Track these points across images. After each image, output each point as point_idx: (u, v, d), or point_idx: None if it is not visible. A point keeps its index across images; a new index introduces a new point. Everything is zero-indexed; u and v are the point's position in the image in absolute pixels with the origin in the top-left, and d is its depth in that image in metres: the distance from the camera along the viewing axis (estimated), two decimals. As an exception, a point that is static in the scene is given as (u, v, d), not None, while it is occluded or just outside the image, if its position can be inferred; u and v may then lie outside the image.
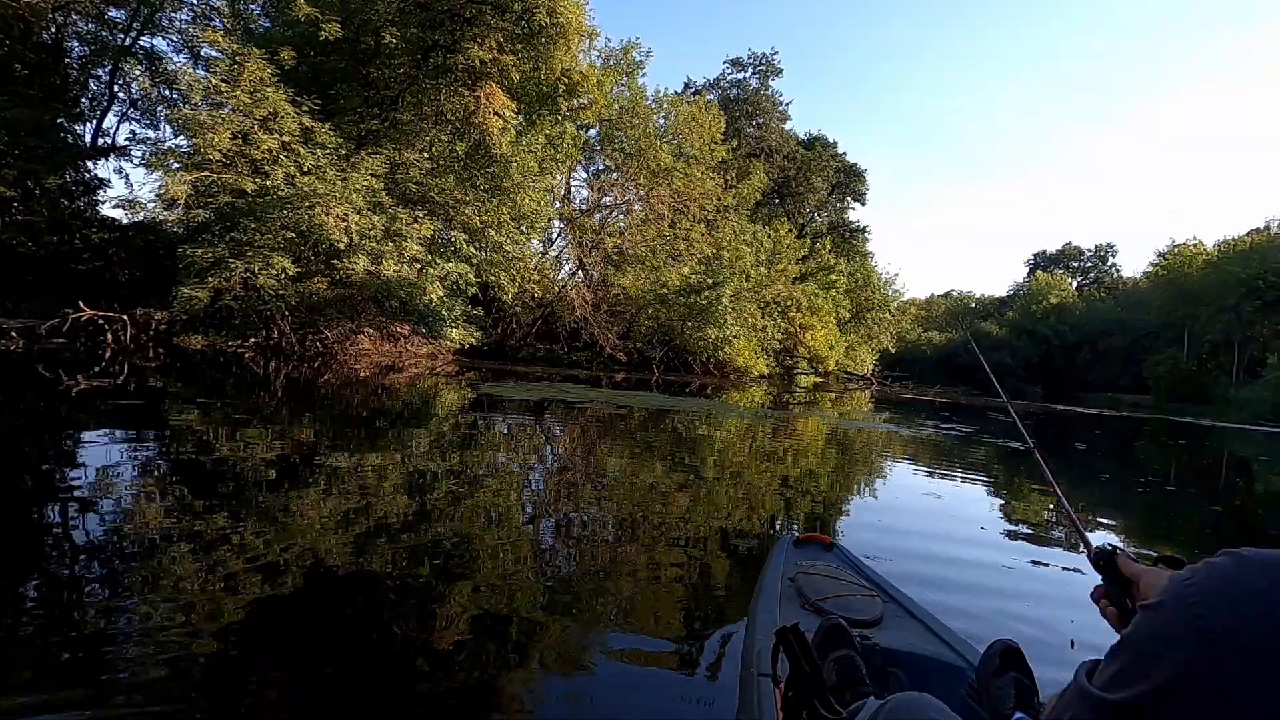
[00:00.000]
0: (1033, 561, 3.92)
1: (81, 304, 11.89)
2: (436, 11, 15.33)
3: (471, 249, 16.97)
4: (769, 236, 29.90)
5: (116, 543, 2.81)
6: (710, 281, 22.40)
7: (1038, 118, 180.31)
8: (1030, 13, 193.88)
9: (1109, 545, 1.03)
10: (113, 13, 16.46)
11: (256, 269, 12.59)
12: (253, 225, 12.86)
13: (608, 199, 25.16)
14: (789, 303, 29.90)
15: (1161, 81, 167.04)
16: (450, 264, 16.02)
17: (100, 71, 17.16)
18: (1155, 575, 0.95)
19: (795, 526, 4.30)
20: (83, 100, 17.12)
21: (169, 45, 17.73)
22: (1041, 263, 74.26)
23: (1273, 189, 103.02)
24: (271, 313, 13.51)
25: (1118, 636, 0.56)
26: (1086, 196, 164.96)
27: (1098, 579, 1.01)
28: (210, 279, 12.48)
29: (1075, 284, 69.70)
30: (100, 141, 17.40)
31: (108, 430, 5.11)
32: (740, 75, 39.52)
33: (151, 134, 17.58)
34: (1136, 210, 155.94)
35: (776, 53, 39.43)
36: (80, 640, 1.98)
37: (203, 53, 16.33)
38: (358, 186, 13.76)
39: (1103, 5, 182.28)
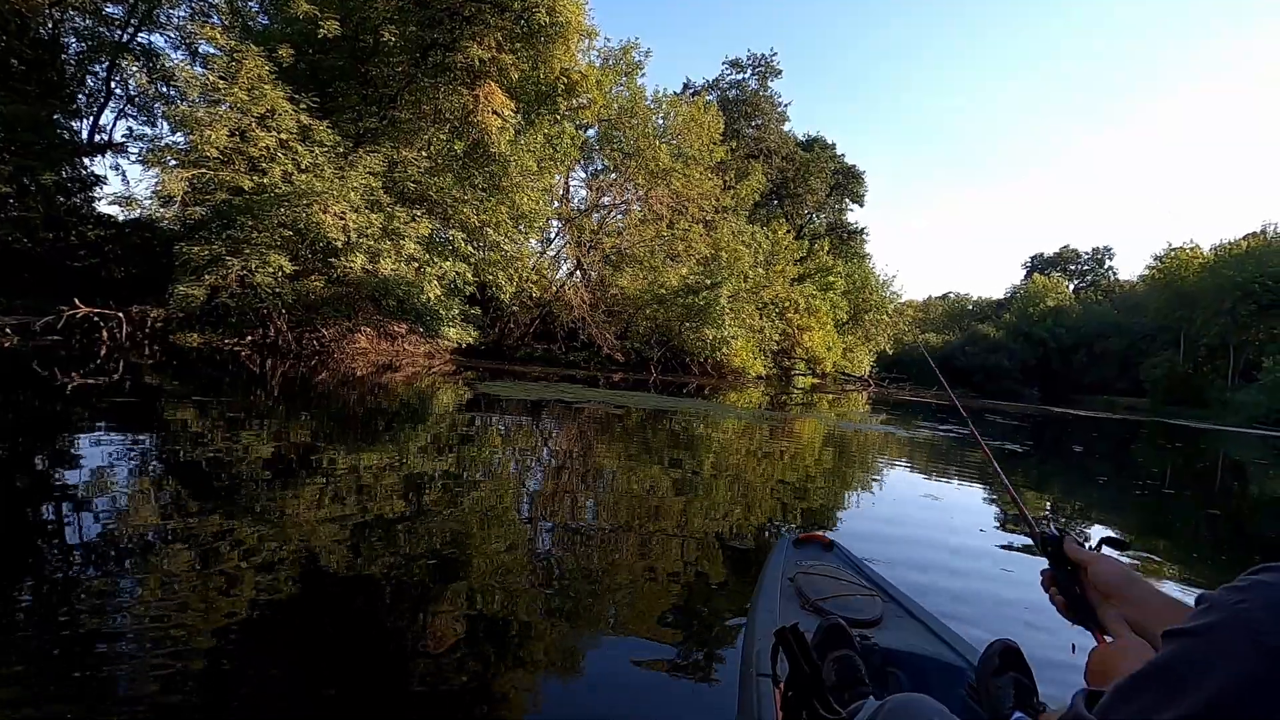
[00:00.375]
0: (1031, 561, 3.91)
1: (77, 301, 11.84)
2: (435, 10, 15.31)
3: (469, 248, 16.94)
4: (767, 237, 29.93)
5: (111, 542, 2.78)
6: (708, 282, 22.41)
7: (1037, 117, 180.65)
8: (1030, 12, 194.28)
9: (1056, 530, 1.03)
10: (110, 9, 16.43)
11: (253, 267, 12.55)
12: (250, 223, 12.82)
13: (606, 199, 25.16)
14: (787, 304, 29.94)
15: (1161, 81, 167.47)
16: (448, 263, 15.99)
17: (97, 68, 17.12)
18: (1105, 562, 0.94)
19: (794, 526, 4.29)
20: (79, 96, 17.08)
21: (166, 42, 17.72)
22: (1039, 265, 74.46)
23: (1271, 190, 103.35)
24: (268, 310, 13.46)
25: (1140, 667, 0.52)
26: (1086, 197, 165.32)
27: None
28: (207, 276, 12.43)
29: (1072, 287, 69.85)
30: (97, 138, 17.36)
31: (103, 428, 5.08)
32: (739, 76, 39.61)
33: (148, 131, 17.57)
34: (1135, 210, 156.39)
35: (775, 54, 39.45)
36: (75, 640, 1.96)
37: (200, 49, 16.31)
38: (355, 184, 13.72)
39: (1102, 5, 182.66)
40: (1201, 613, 0.50)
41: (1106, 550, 0.99)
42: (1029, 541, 4.41)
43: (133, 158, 17.21)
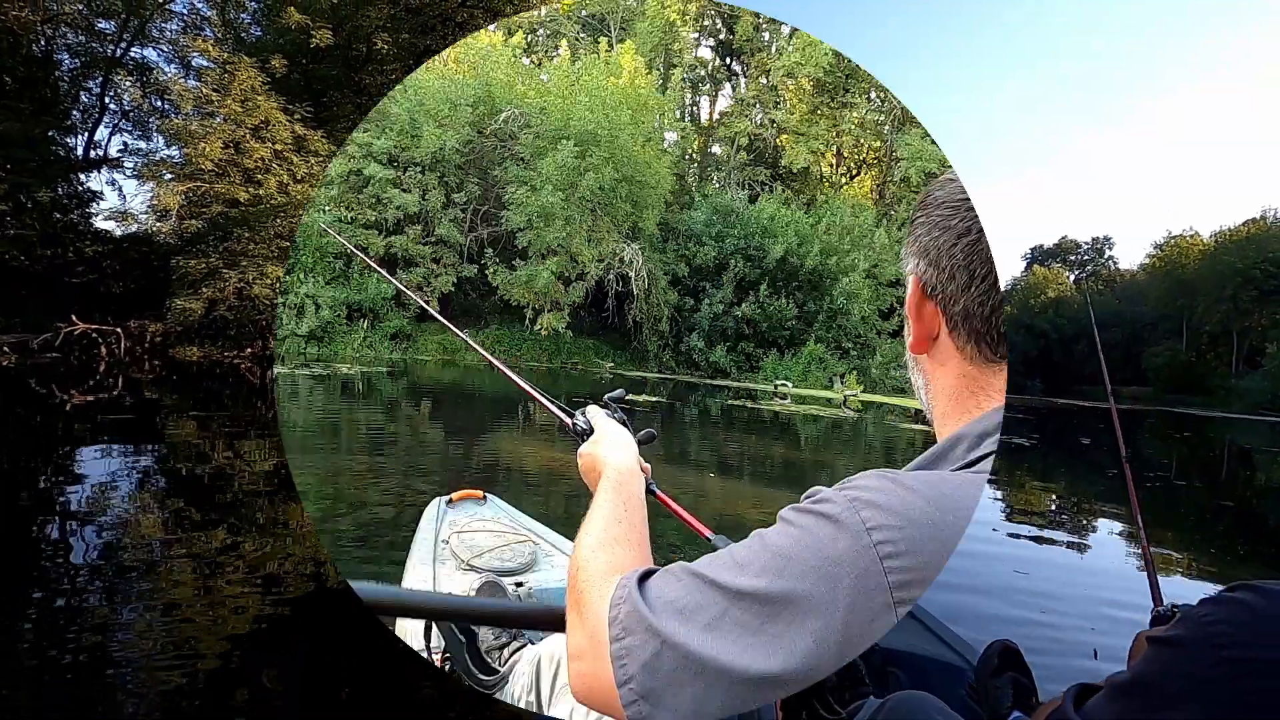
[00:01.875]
0: (1034, 561, 3.88)
1: (74, 317, 11.83)
2: (428, 17, 15.33)
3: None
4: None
5: (113, 557, 2.77)
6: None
7: (1035, 117, 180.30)
8: (1028, 11, 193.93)
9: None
10: (102, 25, 16.42)
11: (251, 278, 12.55)
12: (246, 234, 12.83)
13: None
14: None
15: (1160, 81, 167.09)
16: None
17: (91, 83, 17.09)
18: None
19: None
20: (74, 113, 17.04)
21: (159, 56, 17.66)
22: (1038, 257, 74.33)
23: (1270, 187, 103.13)
24: (266, 322, 13.46)
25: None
26: (1084, 195, 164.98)
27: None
28: (204, 289, 12.43)
29: (1072, 277, 69.76)
30: (92, 154, 17.34)
31: (103, 445, 5.07)
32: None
33: (143, 145, 17.51)
34: (1134, 210, 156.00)
35: (769, 52, 39.44)
36: (79, 655, 1.94)
37: (194, 63, 16.28)
38: (351, 193, 13.74)
39: (1102, 4, 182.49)
40: (1178, 623, 0.52)
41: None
42: (1034, 542, 4.38)
43: (128, 172, 17.20)
